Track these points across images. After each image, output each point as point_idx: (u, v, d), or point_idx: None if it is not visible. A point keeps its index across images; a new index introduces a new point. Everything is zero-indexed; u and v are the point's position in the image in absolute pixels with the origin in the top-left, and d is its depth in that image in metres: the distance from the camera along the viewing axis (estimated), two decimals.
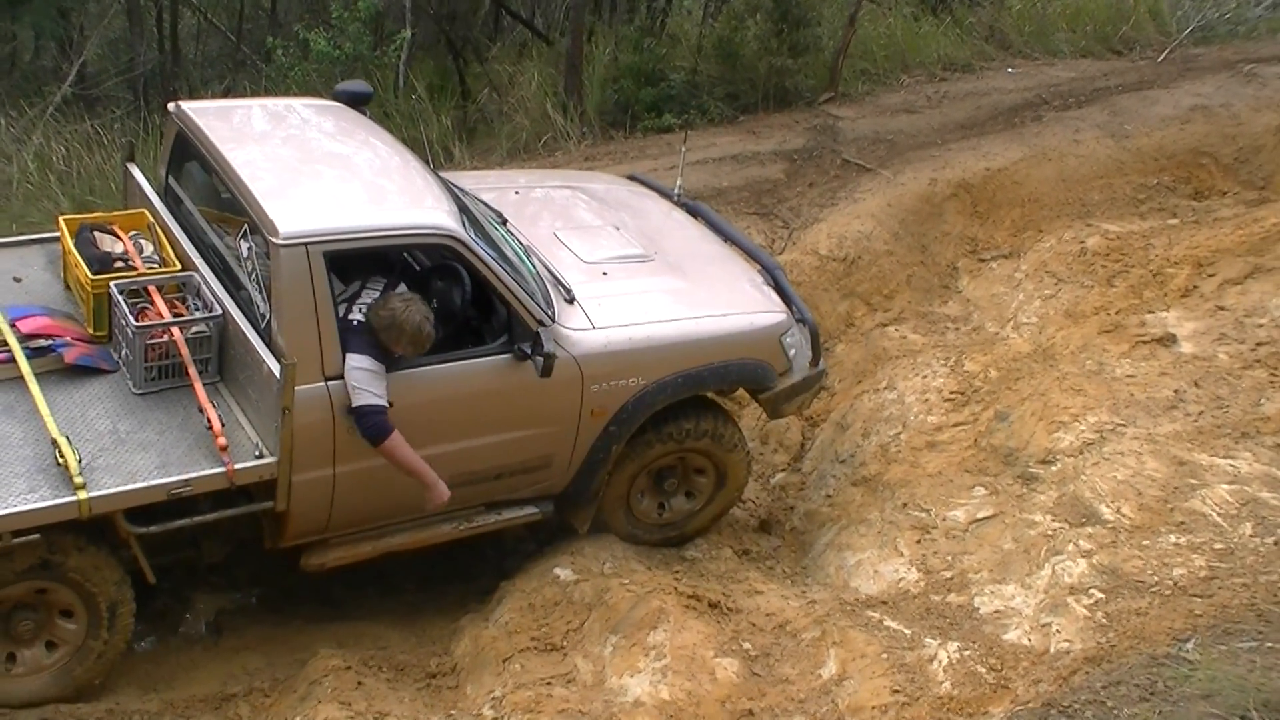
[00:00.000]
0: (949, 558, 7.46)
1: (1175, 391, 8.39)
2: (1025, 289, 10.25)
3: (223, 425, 6.23)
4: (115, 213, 7.35)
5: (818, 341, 7.99)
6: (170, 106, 7.26)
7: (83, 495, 5.83)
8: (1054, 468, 7.79)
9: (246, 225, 6.52)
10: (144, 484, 6.01)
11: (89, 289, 6.64)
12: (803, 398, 8.08)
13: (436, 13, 14.73)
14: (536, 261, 7.36)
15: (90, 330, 6.76)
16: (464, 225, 6.70)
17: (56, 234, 7.21)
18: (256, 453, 6.23)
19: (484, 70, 14.54)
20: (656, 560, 7.57)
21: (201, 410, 6.29)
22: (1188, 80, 13.22)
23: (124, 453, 6.13)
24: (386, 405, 6.28)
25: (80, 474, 5.87)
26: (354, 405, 6.24)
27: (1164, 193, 11.62)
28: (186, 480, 6.07)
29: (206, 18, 17.41)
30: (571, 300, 7.15)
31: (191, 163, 7.22)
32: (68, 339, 6.64)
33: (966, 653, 6.46)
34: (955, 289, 10.61)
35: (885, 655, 6.43)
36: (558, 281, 7.27)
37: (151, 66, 15.13)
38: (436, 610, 7.45)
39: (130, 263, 6.81)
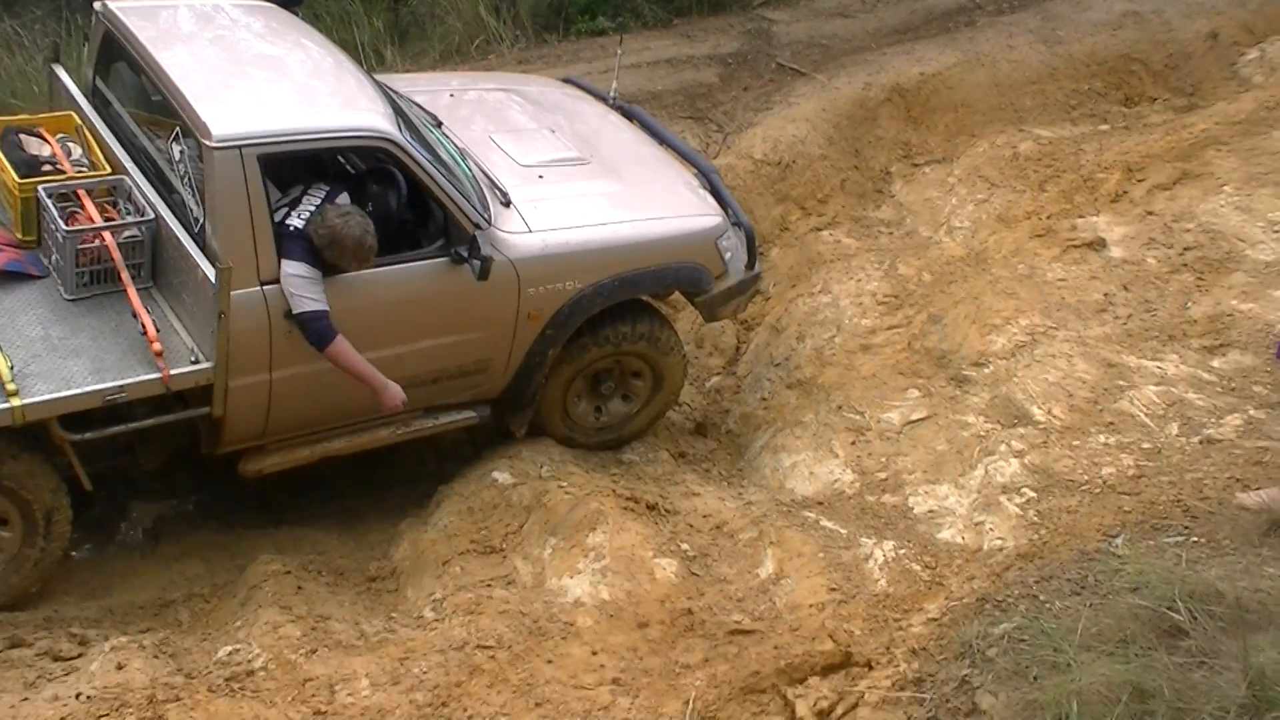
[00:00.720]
0: (883, 459, 7.55)
1: (1105, 295, 8.50)
2: (958, 194, 10.28)
3: (157, 330, 6.14)
4: (41, 115, 7.15)
5: (753, 245, 7.99)
6: (96, 6, 7.03)
7: (15, 402, 5.76)
8: (986, 370, 7.87)
9: (178, 128, 6.40)
10: (78, 390, 5.93)
11: (15, 193, 6.48)
12: (738, 301, 8.09)
13: None
14: (472, 165, 7.28)
15: (18, 235, 6.63)
16: (399, 128, 6.60)
17: None
18: (192, 358, 6.16)
19: None
20: (594, 463, 7.59)
21: (135, 316, 6.20)
22: None
23: (57, 359, 6.05)
24: (327, 310, 6.23)
25: (13, 380, 5.79)
26: (295, 312, 6.19)
27: (1095, 99, 11.67)
28: (121, 386, 6.00)
29: None
30: (508, 204, 7.07)
31: (119, 64, 7.07)
32: None
33: (902, 551, 6.56)
34: (889, 194, 10.62)
35: (822, 554, 6.51)
36: (494, 185, 7.19)
37: None
38: (376, 515, 7.44)
39: (58, 166, 6.64)
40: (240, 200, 6.08)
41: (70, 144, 6.84)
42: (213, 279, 5.91)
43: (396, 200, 6.76)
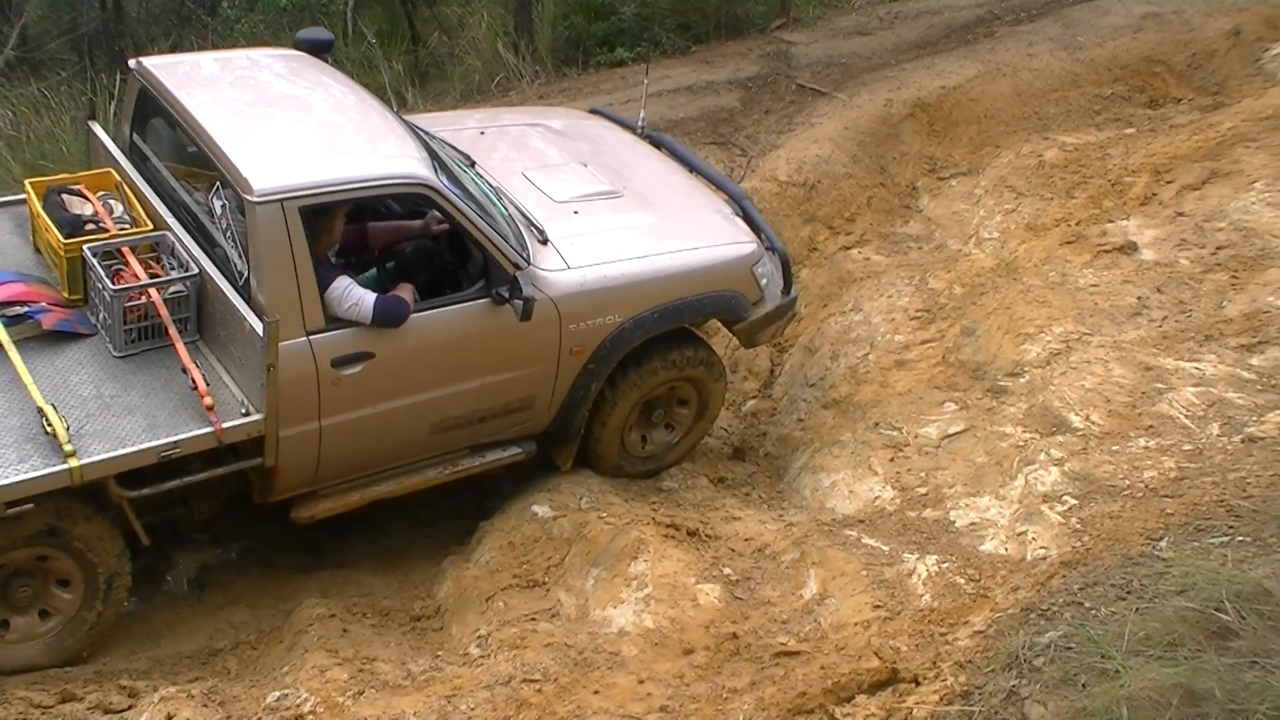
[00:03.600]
0: (923, 474, 7.52)
1: (1138, 298, 8.45)
2: (986, 205, 10.26)
3: (207, 384, 6.21)
4: (81, 173, 7.24)
5: (789, 269, 8.05)
6: (131, 63, 7.15)
7: (74, 463, 5.82)
8: (1022, 379, 7.84)
9: (218, 182, 6.49)
10: (134, 448, 5.99)
11: (61, 253, 6.57)
12: (776, 326, 8.16)
13: None
14: (508, 203, 7.33)
15: (65, 294, 6.71)
16: (435, 172, 6.67)
17: (20, 197, 7.19)
18: (243, 410, 6.22)
19: (433, 13, 14.44)
20: (633, 493, 7.60)
21: (185, 371, 6.28)
22: None
23: (110, 417, 6.11)
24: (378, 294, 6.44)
25: (69, 441, 5.85)
26: (371, 311, 6.37)
27: (1119, 102, 11.65)
28: (175, 442, 6.05)
29: None
30: (545, 241, 7.14)
31: (156, 119, 7.16)
32: (43, 304, 6.59)
33: (945, 565, 6.52)
34: (916, 208, 10.63)
35: (865, 572, 6.48)
36: (530, 222, 7.25)
37: (95, 26, 14.90)
38: (419, 554, 7.48)
39: (101, 224, 6.74)
40: (284, 252, 6.17)
41: (111, 201, 6.95)
42: (261, 332, 5.97)
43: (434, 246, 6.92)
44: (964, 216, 10.29)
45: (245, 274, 6.28)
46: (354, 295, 6.37)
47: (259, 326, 5.99)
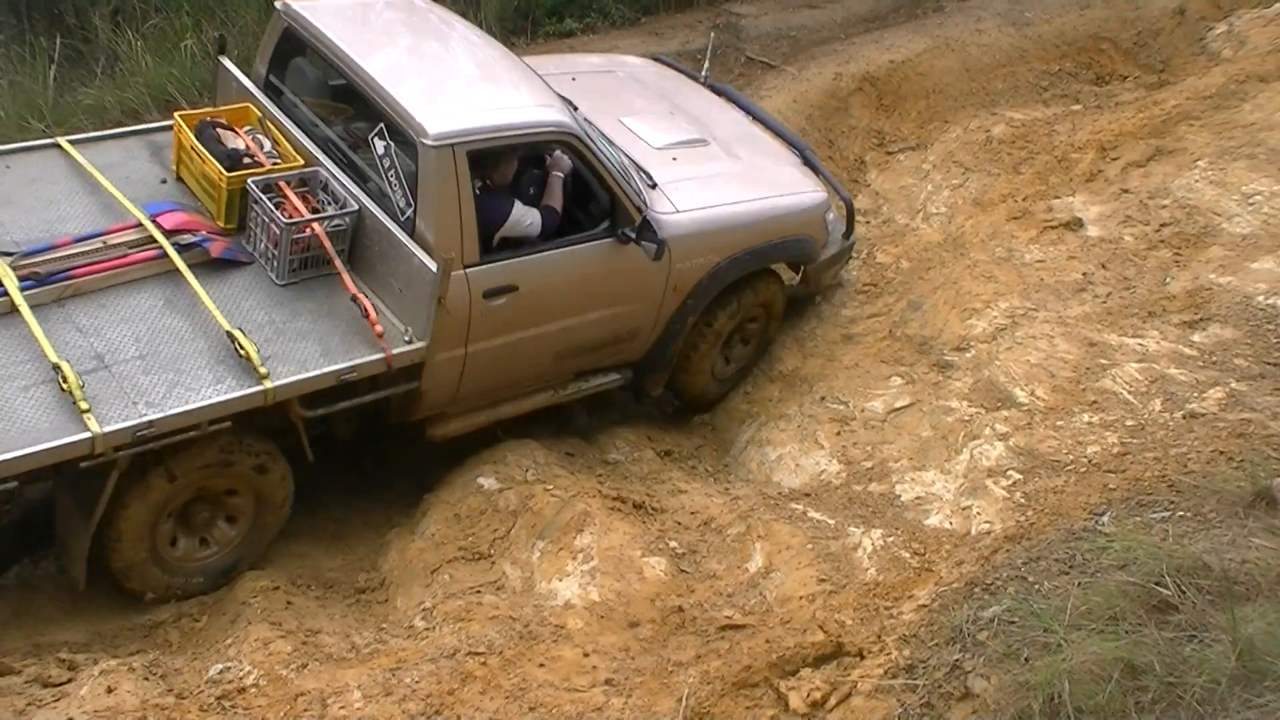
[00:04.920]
0: (869, 447, 7.55)
1: (1083, 274, 8.50)
2: (933, 179, 10.28)
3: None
4: (223, 107, 7.54)
5: (852, 216, 8.85)
6: (279, 5, 7.51)
7: (268, 384, 6.22)
8: (968, 354, 7.87)
9: (382, 124, 6.84)
10: (317, 371, 6.40)
11: (224, 185, 6.85)
12: (836, 268, 8.92)
13: None
14: (617, 150, 7.73)
15: (220, 224, 6.98)
16: (574, 122, 7.20)
17: (153, 126, 7.79)
18: (406, 338, 6.61)
19: None
20: (579, 465, 7.59)
21: (355, 299, 6.63)
22: None
23: (286, 342, 6.49)
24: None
25: (263, 364, 6.23)
26: (540, 223, 7.07)
27: (1066, 79, 11.69)
28: (353, 366, 6.49)
29: None
30: (654, 186, 7.71)
31: (298, 59, 7.59)
32: (205, 232, 6.88)
33: (890, 539, 6.55)
34: (864, 182, 10.62)
35: (810, 546, 6.50)
36: (639, 168, 7.78)
37: None
38: (362, 526, 7.43)
39: (255, 159, 7.02)
40: (452, 193, 6.64)
41: (259, 136, 7.23)
42: (434, 269, 6.37)
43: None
44: (911, 191, 10.31)
45: (409, 211, 6.71)
46: (529, 215, 6.99)
47: (431, 264, 6.40)
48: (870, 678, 5.36)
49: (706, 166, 8.21)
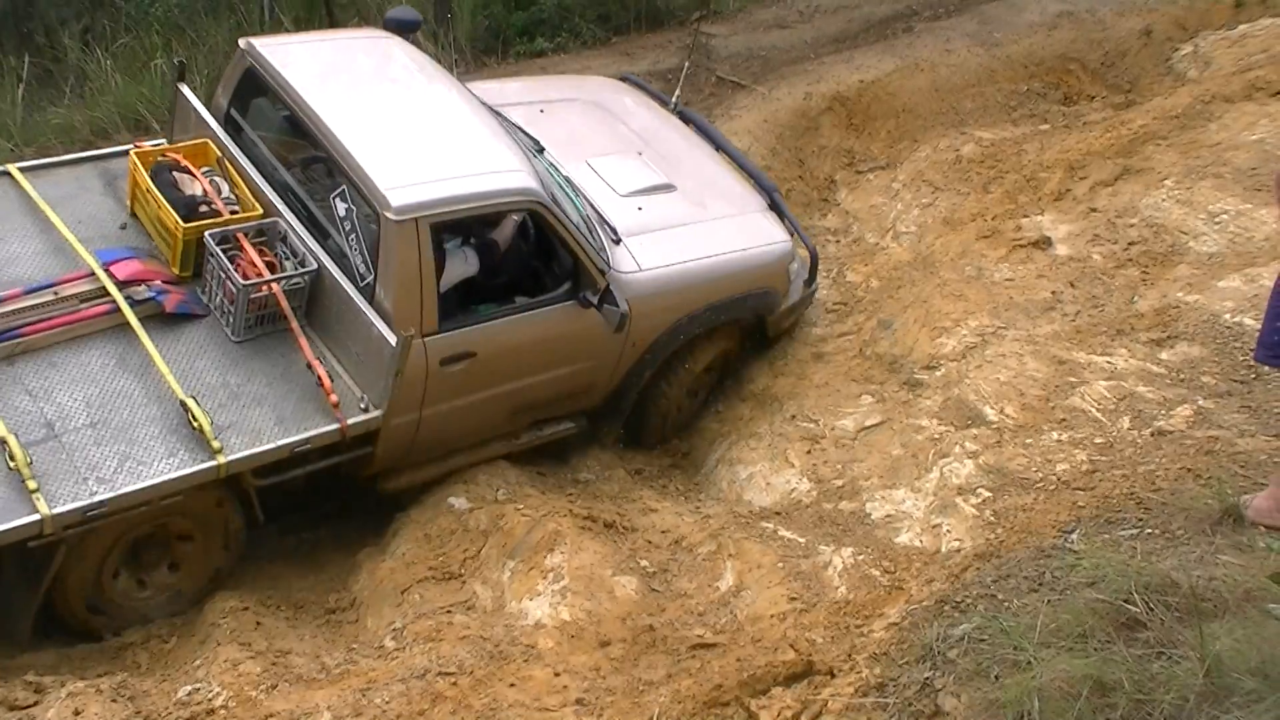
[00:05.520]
0: (839, 466, 7.56)
1: (1052, 293, 8.54)
2: (903, 199, 10.33)
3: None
4: (180, 143, 7.33)
5: (816, 265, 8.74)
6: (241, 43, 7.43)
7: (221, 459, 6.13)
8: (938, 373, 7.90)
9: (345, 188, 6.77)
10: (271, 445, 6.31)
11: (179, 235, 6.75)
12: (795, 317, 8.74)
13: None
14: (583, 200, 7.64)
15: (175, 271, 6.89)
16: (542, 185, 7.09)
17: (107, 151, 7.64)
18: (362, 406, 6.58)
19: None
20: (550, 484, 7.58)
21: (310, 367, 6.58)
22: None
23: (240, 409, 6.39)
24: None
25: (216, 437, 6.14)
26: (479, 256, 7.08)
27: (1034, 99, 11.77)
28: (308, 438, 6.42)
29: None
30: (618, 241, 7.65)
31: (261, 99, 7.45)
32: (159, 283, 6.77)
33: (860, 557, 6.56)
34: (834, 202, 10.66)
35: (781, 564, 6.50)
36: (604, 221, 7.73)
37: (3, 7, 14.58)
38: (333, 547, 7.41)
39: (213, 206, 6.91)
40: (414, 264, 6.54)
41: (217, 179, 7.11)
42: (393, 344, 6.32)
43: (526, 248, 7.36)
44: (882, 210, 10.35)
45: (369, 279, 6.62)
46: (461, 256, 6.95)
47: (392, 337, 6.34)
48: (841, 696, 5.35)
49: (671, 214, 8.11)
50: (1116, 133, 10.35)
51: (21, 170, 7.28)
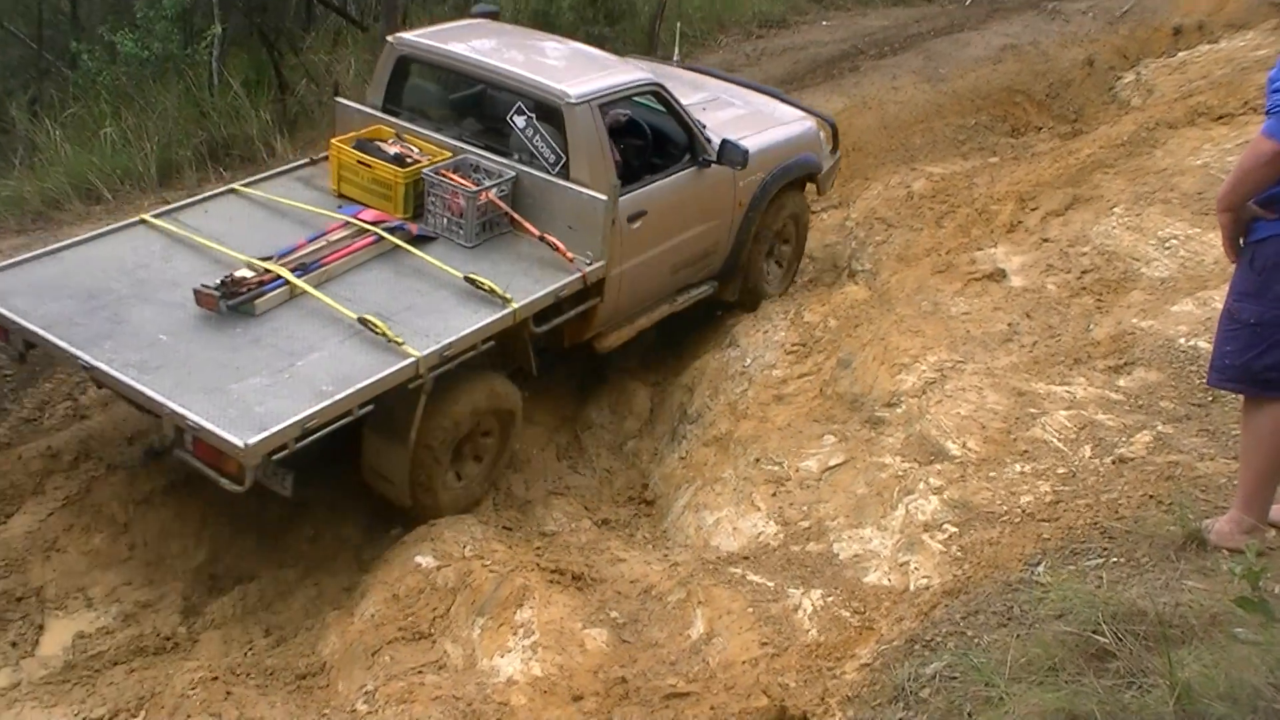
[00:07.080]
0: (805, 507, 7.55)
1: (1009, 324, 8.60)
2: (857, 236, 10.41)
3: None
4: (364, 129, 8.85)
5: (837, 134, 10.78)
6: (390, 38, 9.25)
7: (514, 305, 7.63)
8: (899, 409, 7.92)
9: (520, 104, 8.41)
10: (542, 291, 7.86)
11: (401, 181, 8.25)
12: (833, 177, 10.81)
13: (246, 5, 14.41)
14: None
15: (400, 214, 8.30)
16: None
17: (291, 166, 9.18)
18: (586, 260, 8.13)
19: (300, 61, 14.29)
20: (516, 538, 7.54)
21: (543, 238, 8.12)
22: (996, 21, 13.53)
23: (504, 278, 7.84)
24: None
25: (506, 291, 7.65)
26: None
27: (983, 132, 11.91)
28: (563, 284, 8.03)
29: (2, 25, 16.69)
30: (704, 127, 9.30)
31: (412, 81, 9.21)
32: (397, 220, 8.22)
33: (830, 599, 6.55)
34: None
35: (751, 609, 6.48)
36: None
37: None
38: (300, 610, 7.34)
39: (415, 158, 8.42)
40: (596, 139, 8.28)
41: (405, 143, 8.62)
42: (604, 199, 8.04)
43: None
44: (836, 249, 10.43)
45: (562, 161, 8.25)
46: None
47: (601, 195, 8.07)
48: None
49: (728, 113, 10.05)
50: (1065, 162, 10.47)
51: (244, 185, 8.80)
